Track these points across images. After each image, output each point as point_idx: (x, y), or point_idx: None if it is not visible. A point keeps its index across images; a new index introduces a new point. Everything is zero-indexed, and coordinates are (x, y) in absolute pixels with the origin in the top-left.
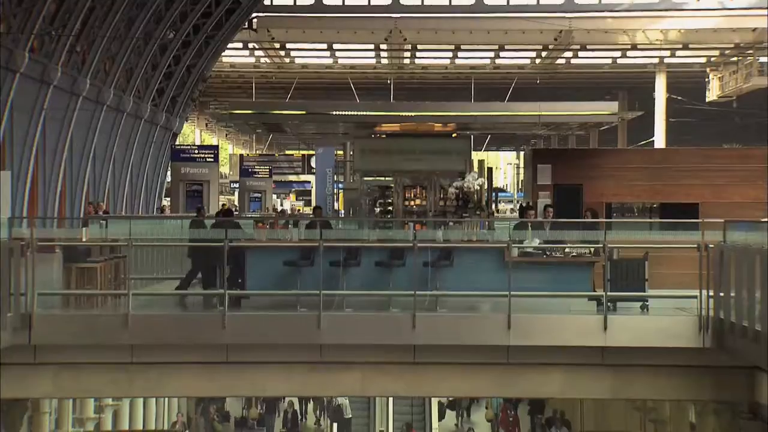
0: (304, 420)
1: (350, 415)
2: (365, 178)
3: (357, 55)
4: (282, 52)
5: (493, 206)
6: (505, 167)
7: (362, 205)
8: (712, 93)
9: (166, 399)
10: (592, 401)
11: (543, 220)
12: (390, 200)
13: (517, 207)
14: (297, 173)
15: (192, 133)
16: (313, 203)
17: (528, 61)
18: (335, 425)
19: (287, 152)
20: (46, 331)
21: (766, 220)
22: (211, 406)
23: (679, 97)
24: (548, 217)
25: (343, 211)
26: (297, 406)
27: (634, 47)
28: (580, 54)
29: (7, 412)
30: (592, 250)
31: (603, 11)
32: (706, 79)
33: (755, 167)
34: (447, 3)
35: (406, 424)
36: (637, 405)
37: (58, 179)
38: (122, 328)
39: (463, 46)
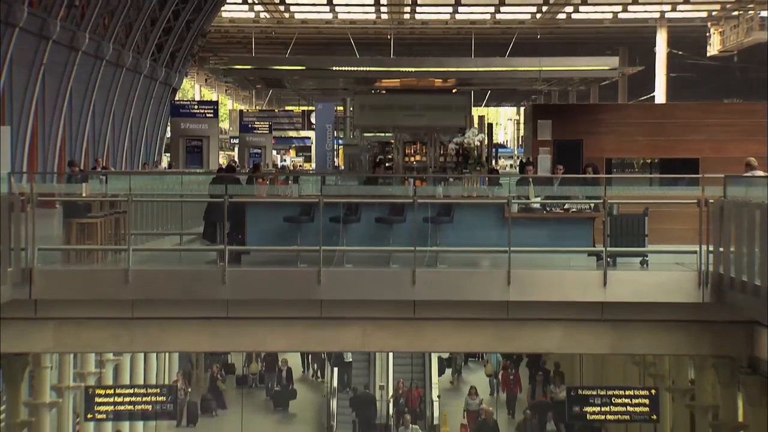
0: (304, 372)
1: (350, 359)
2: (365, 134)
3: (357, 10)
4: (281, 7)
5: (493, 162)
6: (505, 123)
7: (362, 161)
8: (713, 48)
9: (167, 354)
10: (592, 356)
11: (543, 176)
12: (390, 156)
13: (517, 163)
14: (297, 129)
15: (192, 89)
16: (313, 159)
17: (528, 17)
18: (335, 369)
19: (287, 108)
20: (47, 286)
21: (765, 174)
22: (214, 364)
23: (680, 52)
24: (558, 173)
25: (343, 167)
26: (291, 363)
27: (635, 2)
28: (581, 9)
29: (8, 367)
30: (593, 205)
31: None
32: (707, 34)
33: (756, 122)
34: None
35: (411, 383)
36: (636, 360)
37: (58, 134)
38: (122, 284)
39: (463, 1)
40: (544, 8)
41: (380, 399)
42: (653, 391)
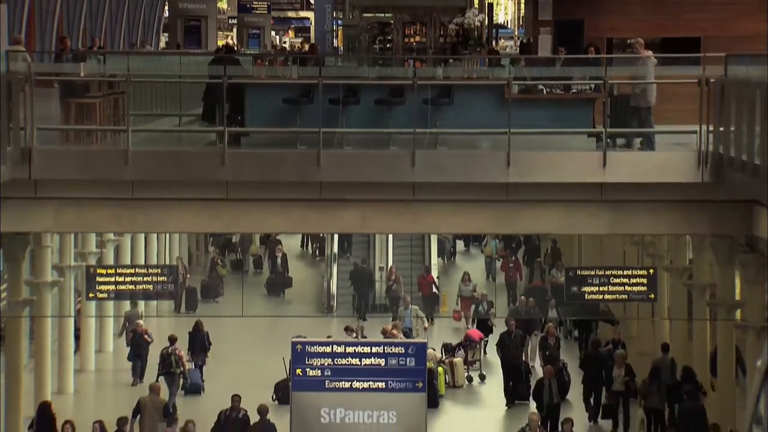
0: (304, 249)
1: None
2: (365, 15)
3: None
4: None
5: (493, 43)
6: (505, 3)
7: (362, 42)
8: None
9: (168, 236)
10: (590, 238)
11: (546, 57)
12: (389, 37)
13: (518, 44)
14: (296, 9)
15: None
16: (312, 40)
17: None
18: (335, 241)
19: None
20: (46, 165)
21: (650, 55)
22: (215, 250)
23: None
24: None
25: (342, 49)
26: (287, 246)
27: None
28: None
29: (9, 246)
30: (593, 86)
31: None
32: None
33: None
34: None
35: (425, 267)
36: (635, 240)
37: (56, 12)
38: (122, 164)
39: None
40: None
41: (379, 280)
42: (651, 271)
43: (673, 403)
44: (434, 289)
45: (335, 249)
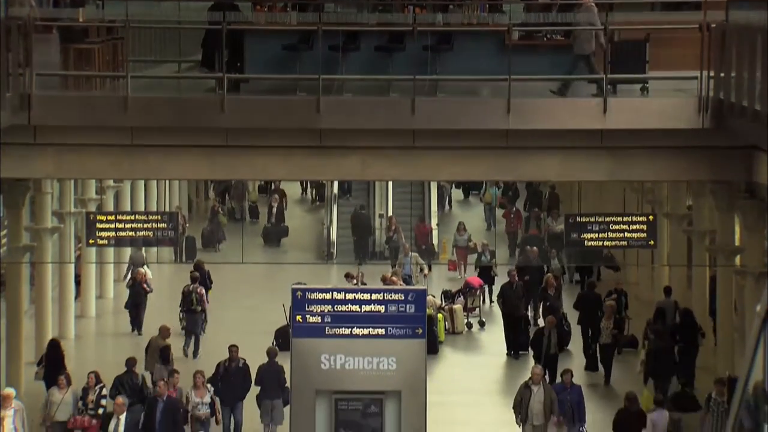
0: (305, 194)
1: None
2: None
3: None
4: None
5: None
6: None
7: None
8: None
9: (167, 183)
10: (590, 185)
11: (544, 2)
12: None
13: None
14: None
15: None
16: None
17: None
18: (335, 188)
19: None
20: (45, 111)
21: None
22: (215, 199)
23: None
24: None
25: None
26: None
27: None
28: None
29: (9, 192)
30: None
31: None
32: None
33: None
34: None
35: (420, 217)
36: (634, 187)
37: None
38: (121, 111)
39: None
40: None
41: (379, 227)
42: (651, 217)
43: (676, 345)
44: (431, 239)
45: (335, 195)
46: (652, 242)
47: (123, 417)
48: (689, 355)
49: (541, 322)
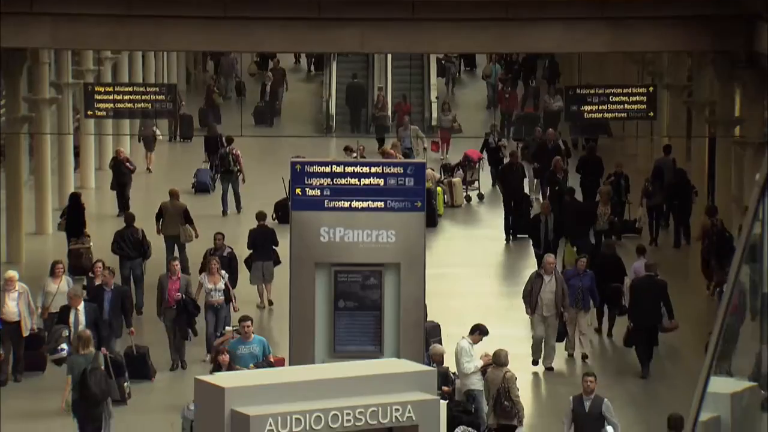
0: (297, 63)
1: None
2: None
3: None
4: None
5: None
6: None
7: None
8: None
9: (165, 55)
10: (590, 57)
11: None
12: None
13: None
14: None
15: None
16: None
17: None
18: (334, 61)
19: None
20: None
21: None
22: (211, 77)
23: None
24: None
25: None
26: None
27: None
28: None
29: (6, 62)
30: None
31: None
32: None
33: None
34: None
35: (402, 95)
36: (635, 58)
37: None
38: None
39: None
40: None
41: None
42: (651, 89)
43: (674, 201)
44: (408, 120)
45: (334, 69)
46: (651, 114)
47: (81, 308)
48: (684, 213)
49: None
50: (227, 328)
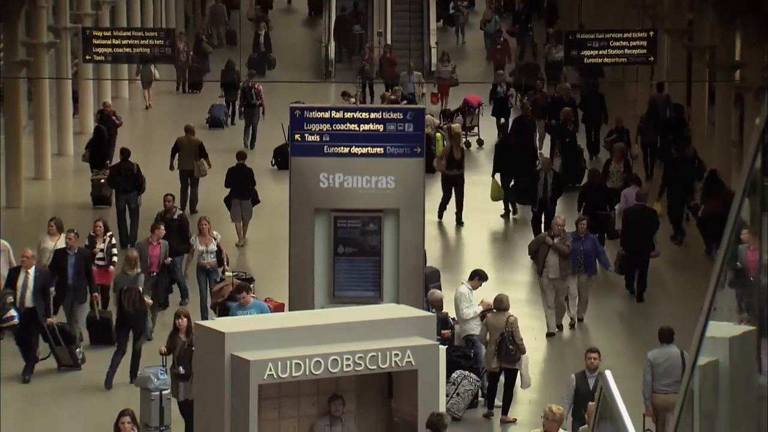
0: (289, 4)
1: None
2: None
3: None
4: None
5: None
6: None
7: None
8: None
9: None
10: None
11: None
12: None
13: None
14: None
15: None
16: None
17: None
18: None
19: None
20: None
21: None
22: (201, 27)
23: None
24: None
25: None
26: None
27: None
28: None
29: (4, 5)
30: None
31: None
32: None
33: None
34: None
35: (388, 46)
36: (635, 2)
37: None
38: None
39: None
40: None
41: (378, 46)
42: (651, 33)
43: (667, 137)
44: (395, 68)
45: (332, 12)
46: (652, 58)
47: (32, 271)
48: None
49: (557, 161)
50: (227, 273)
